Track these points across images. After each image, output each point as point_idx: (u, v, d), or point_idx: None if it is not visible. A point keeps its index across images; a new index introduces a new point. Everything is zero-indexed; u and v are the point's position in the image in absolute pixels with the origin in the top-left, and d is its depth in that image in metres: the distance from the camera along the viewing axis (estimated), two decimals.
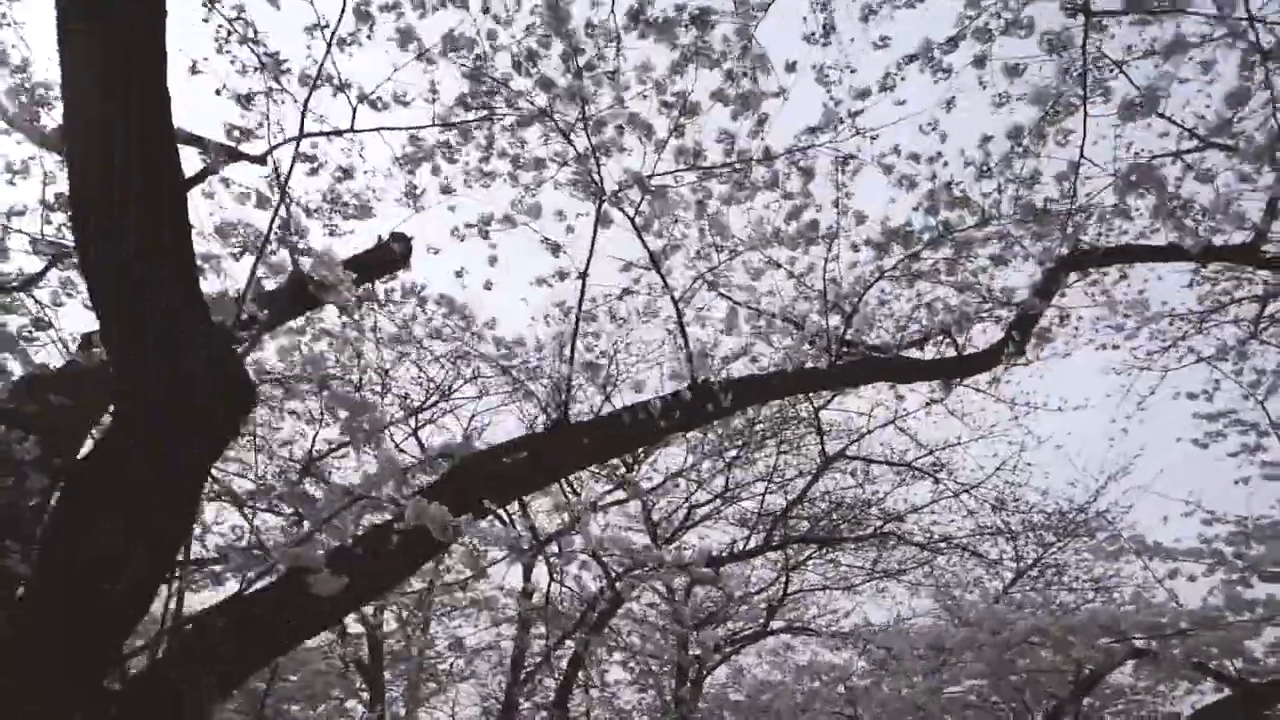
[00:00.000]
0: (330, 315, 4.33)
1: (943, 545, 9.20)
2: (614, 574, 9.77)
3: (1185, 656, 5.16)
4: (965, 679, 5.15)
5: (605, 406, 4.26)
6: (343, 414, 2.90)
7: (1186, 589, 6.26)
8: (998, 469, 8.42)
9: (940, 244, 4.61)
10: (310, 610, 3.34)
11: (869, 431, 8.33)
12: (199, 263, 2.29)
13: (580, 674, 14.06)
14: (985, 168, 4.18)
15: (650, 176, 3.89)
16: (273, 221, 2.85)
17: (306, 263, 3.69)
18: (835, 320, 5.08)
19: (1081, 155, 4.23)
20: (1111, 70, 4.13)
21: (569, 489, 8.55)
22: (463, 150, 3.80)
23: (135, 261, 1.88)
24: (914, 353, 5.94)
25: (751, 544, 9.84)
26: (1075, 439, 8.49)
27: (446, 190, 3.85)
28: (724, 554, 9.66)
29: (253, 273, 2.57)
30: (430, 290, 4.11)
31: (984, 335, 5.79)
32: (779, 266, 5.23)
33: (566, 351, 4.07)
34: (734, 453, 9.56)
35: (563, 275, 4.12)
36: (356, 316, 4.14)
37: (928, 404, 8.07)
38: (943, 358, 5.46)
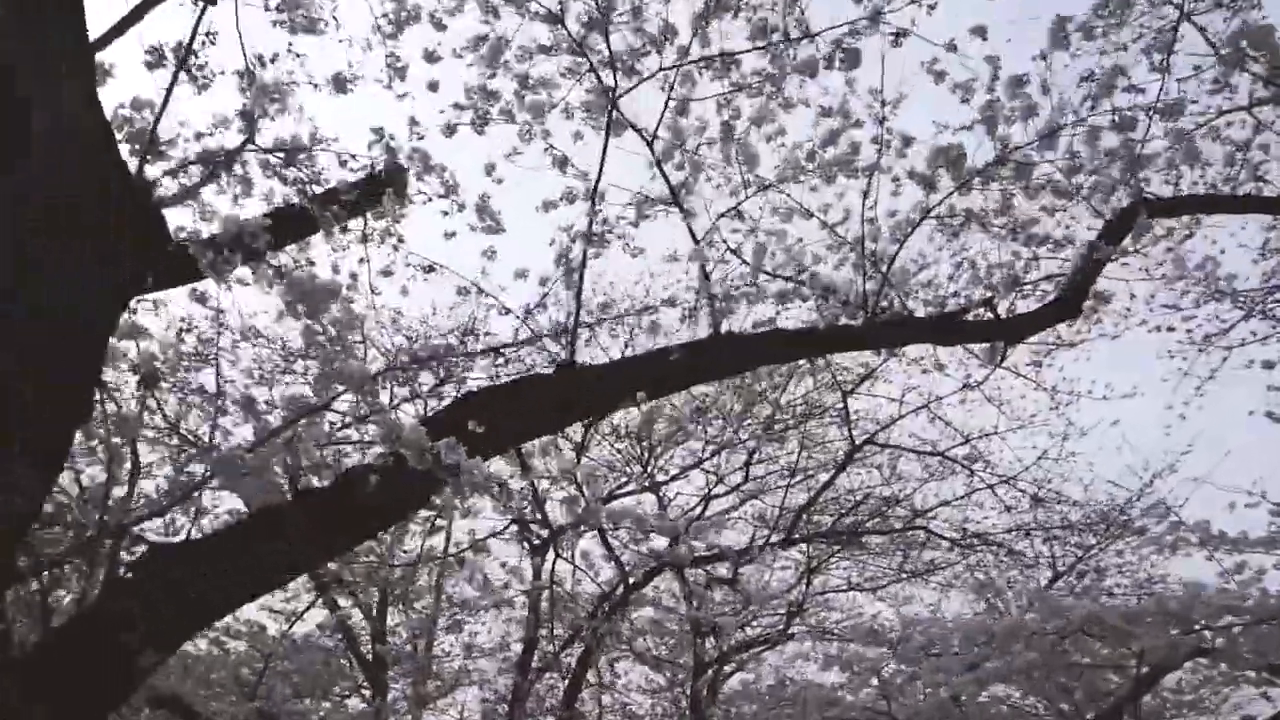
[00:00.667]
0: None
1: (975, 543, 8.64)
2: (627, 566, 9.31)
3: (1258, 653, 4.63)
4: (1011, 674, 4.65)
5: (616, 352, 3.82)
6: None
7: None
8: (1039, 459, 7.87)
9: (994, 175, 4.14)
10: (264, 562, 2.93)
11: (900, 417, 7.85)
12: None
13: (590, 674, 13.61)
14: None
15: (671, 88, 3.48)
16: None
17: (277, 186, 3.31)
18: (870, 285, 4.64)
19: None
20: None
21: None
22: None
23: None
24: None
25: (772, 542, 9.32)
26: (1123, 429, 7.92)
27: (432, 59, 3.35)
28: (744, 552, 9.15)
29: (169, 92, 2.17)
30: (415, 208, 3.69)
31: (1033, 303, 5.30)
32: (810, 215, 4.78)
33: (575, 286, 3.64)
34: (754, 445, 9.08)
35: (571, 198, 3.70)
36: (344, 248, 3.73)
37: (963, 387, 7.55)
38: (992, 319, 4.98)
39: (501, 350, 3.96)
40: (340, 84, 3.35)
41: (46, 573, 3.54)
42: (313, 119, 3.35)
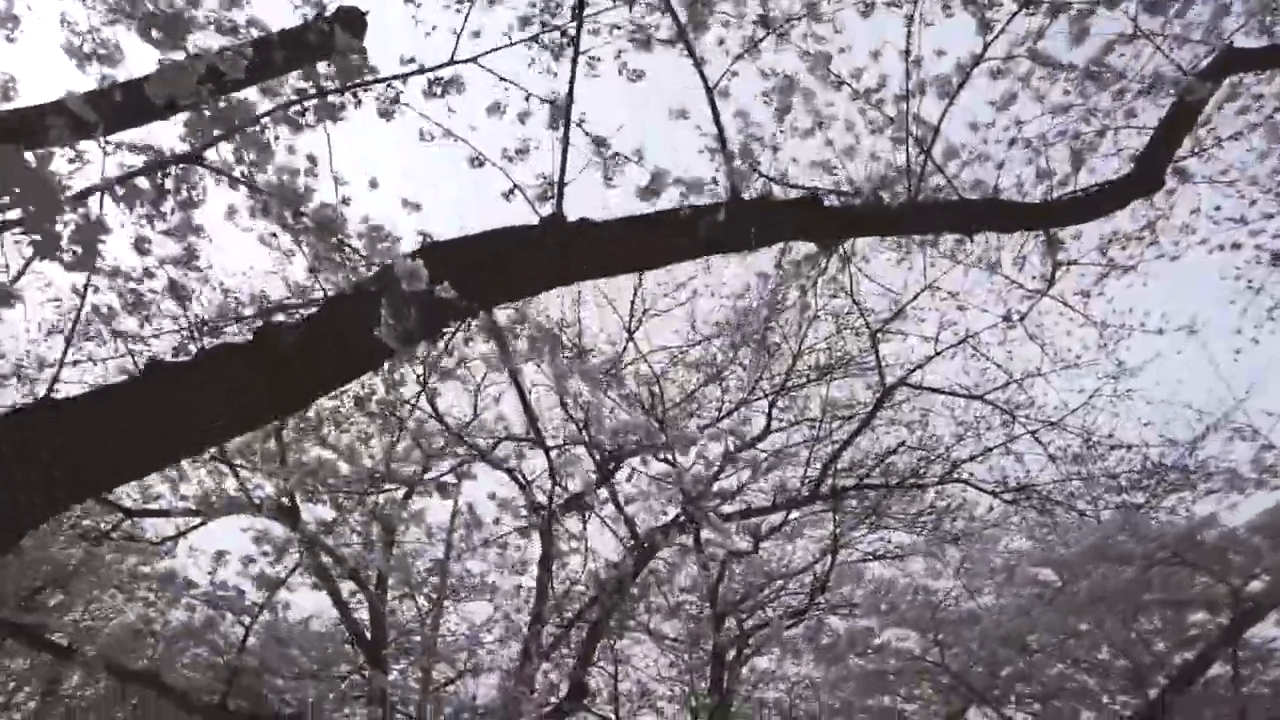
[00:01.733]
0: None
1: (1019, 497, 7.90)
2: (640, 531, 8.66)
3: None
4: (1084, 607, 3.96)
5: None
6: None
7: None
8: (1089, 398, 7.13)
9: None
10: (200, 409, 2.30)
11: (935, 355, 7.12)
12: None
13: (601, 650, 12.95)
14: None
15: None
16: None
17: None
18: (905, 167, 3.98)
19: None
20: None
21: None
22: None
23: None
24: None
25: (797, 499, 8.60)
26: (1182, 365, 7.18)
27: None
28: (764, 511, 8.46)
29: None
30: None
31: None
32: (840, 85, 4.11)
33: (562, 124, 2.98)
34: (773, 399, 8.39)
35: (553, 8, 3.03)
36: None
37: (1003, 319, 6.85)
38: (1053, 200, 4.29)
39: None
40: None
41: None
42: None
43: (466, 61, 3.11)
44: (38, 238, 1.79)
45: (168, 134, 2.95)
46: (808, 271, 4.34)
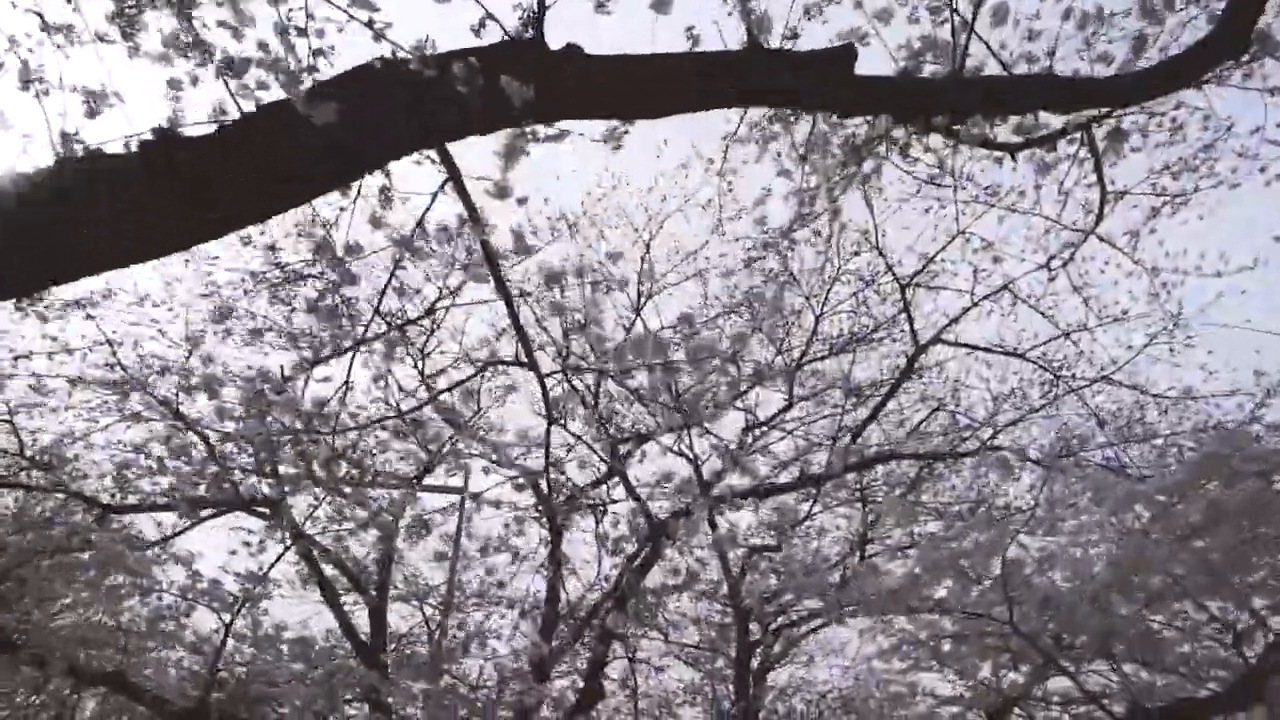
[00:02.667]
0: None
1: (1065, 464, 7.21)
2: (656, 519, 8.02)
3: None
4: (1199, 529, 3.29)
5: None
6: None
7: None
8: (1144, 347, 6.46)
9: None
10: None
11: (974, 304, 6.48)
12: None
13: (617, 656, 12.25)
14: None
15: None
16: None
17: None
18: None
19: None
20: None
21: None
22: None
23: None
24: None
25: (825, 473, 7.92)
26: (1245, 308, 6.54)
27: None
28: (787, 487, 7.81)
29: None
30: None
31: None
32: None
33: None
34: (796, 366, 7.77)
35: None
36: None
37: (1045, 266, 6.25)
38: (1115, 75, 3.72)
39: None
40: None
41: None
42: None
43: None
44: None
45: None
46: (839, 172, 3.77)
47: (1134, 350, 6.70)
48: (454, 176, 2.69)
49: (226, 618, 6.31)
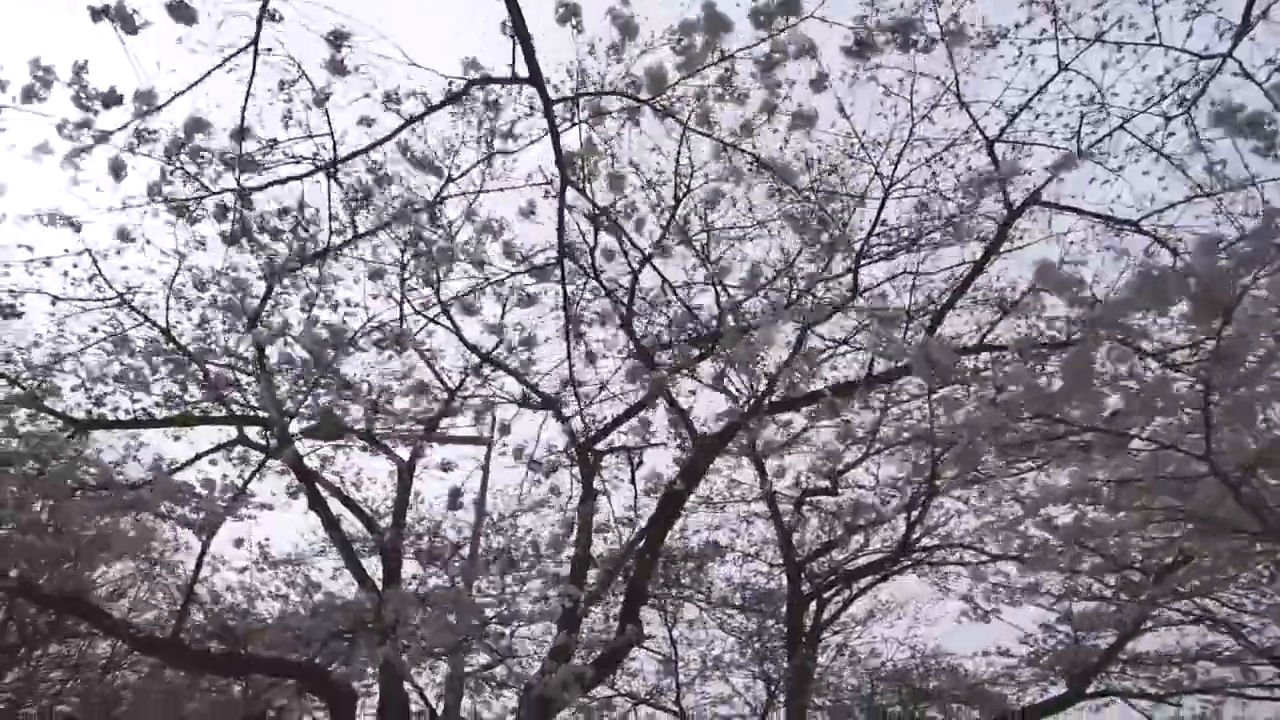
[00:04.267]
0: None
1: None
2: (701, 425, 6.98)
3: None
4: None
5: None
6: None
7: None
8: None
9: None
10: None
11: (1080, 154, 5.34)
12: None
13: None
14: None
15: None
16: None
17: None
18: None
19: None
20: None
21: None
22: None
23: None
24: None
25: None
26: None
27: None
28: (849, 386, 6.72)
29: None
30: None
31: None
32: None
33: None
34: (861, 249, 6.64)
35: None
36: None
37: (1163, 98, 5.14)
38: None
39: None
40: None
41: None
42: None
43: None
44: None
45: None
46: None
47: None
48: None
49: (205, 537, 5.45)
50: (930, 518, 9.63)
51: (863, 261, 6.08)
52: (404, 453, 8.84)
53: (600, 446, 9.41)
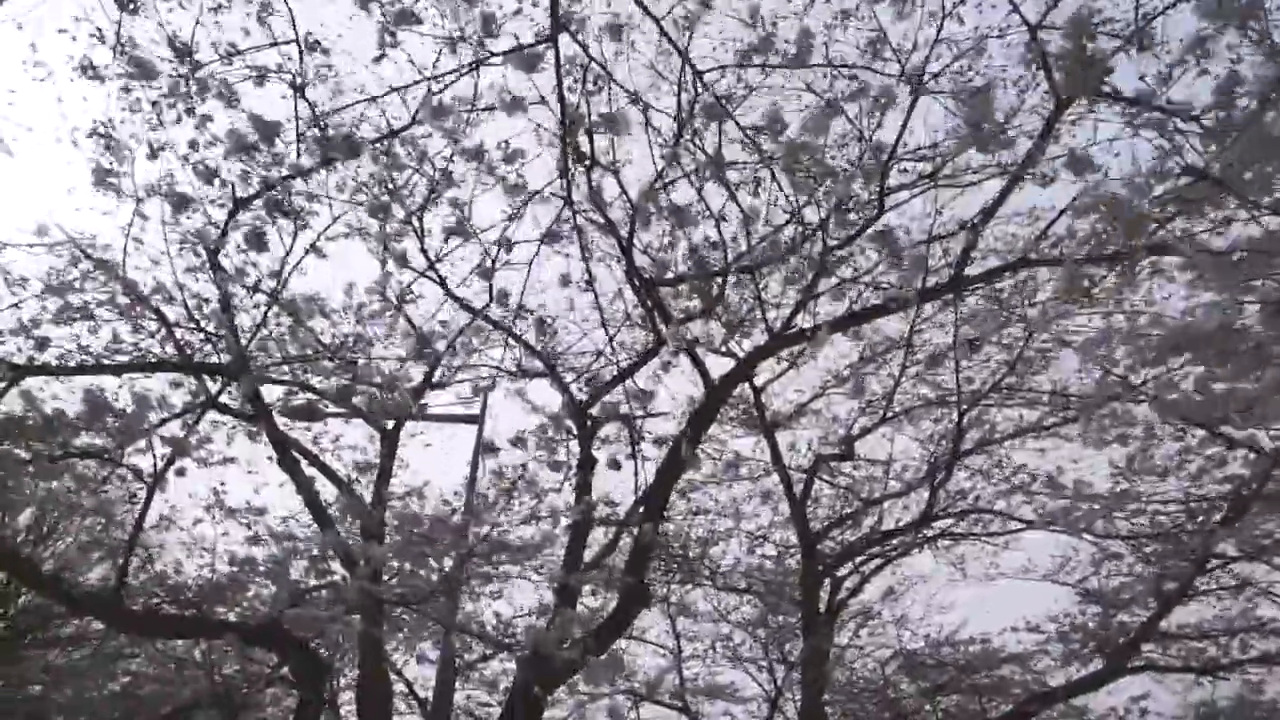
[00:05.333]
0: None
1: None
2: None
3: None
4: None
5: None
6: None
7: None
8: None
9: None
10: None
11: (1137, 31, 4.75)
12: None
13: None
14: None
15: None
16: None
17: None
18: None
19: None
20: None
21: None
22: None
23: None
24: None
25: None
26: None
27: None
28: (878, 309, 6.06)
29: None
30: None
31: None
32: None
33: None
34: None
35: None
36: None
37: None
38: None
39: None
40: None
41: None
42: None
43: None
44: None
45: None
46: None
47: None
48: None
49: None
50: (954, 483, 9.01)
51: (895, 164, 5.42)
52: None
53: (600, 413, 8.79)
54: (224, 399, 6.29)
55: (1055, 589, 10.16)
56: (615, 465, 6.44)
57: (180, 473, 4.80)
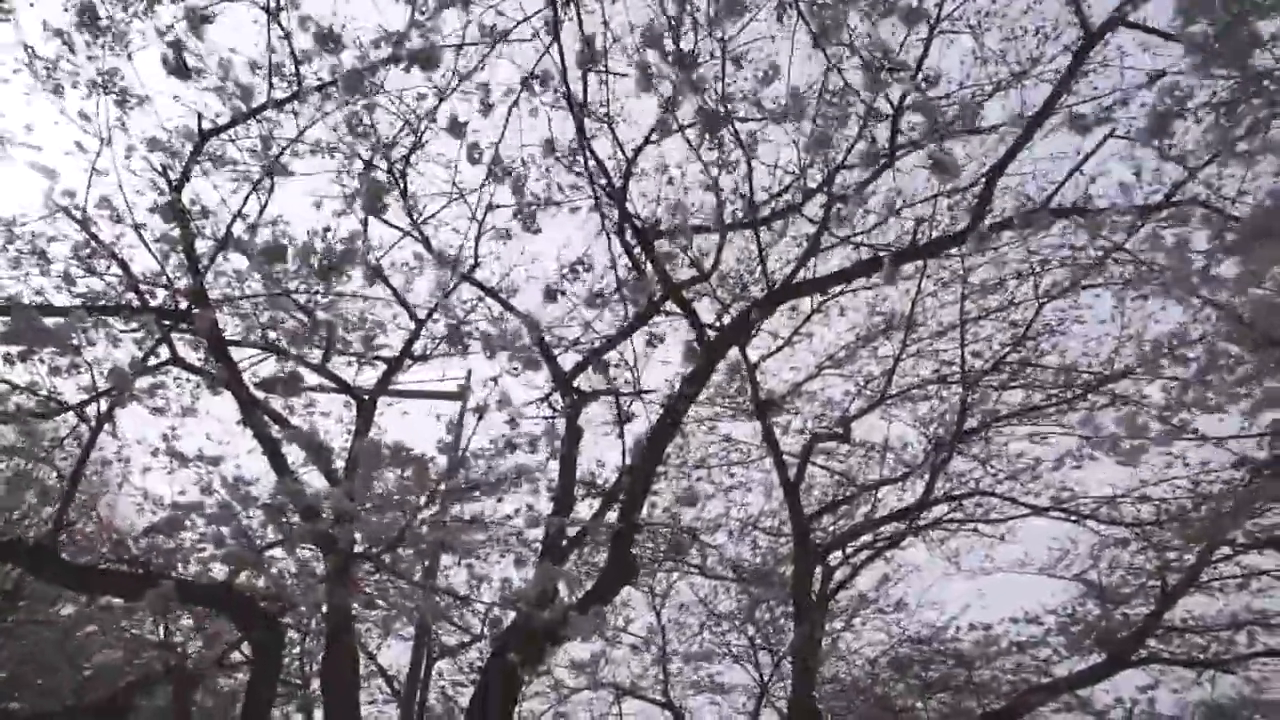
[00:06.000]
0: None
1: None
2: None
3: None
4: None
5: None
6: None
7: None
8: None
9: None
10: None
11: None
12: None
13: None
14: None
15: None
16: None
17: None
18: None
19: None
20: None
21: None
22: None
23: None
24: None
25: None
26: None
27: None
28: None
29: None
30: None
31: None
32: None
33: None
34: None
35: None
36: None
37: None
38: None
39: None
40: None
41: None
42: None
43: None
44: None
45: None
46: None
47: None
48: None
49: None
50: (953, 467, 8.68)
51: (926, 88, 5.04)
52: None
53: (587, 388, 8.43)
54: (184, 351, 5.89)
55: (1052, 583, 9.87)
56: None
57: (116, 407, 4.36)
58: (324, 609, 5.74)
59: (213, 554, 4.66)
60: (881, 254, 5.52)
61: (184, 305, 5.54)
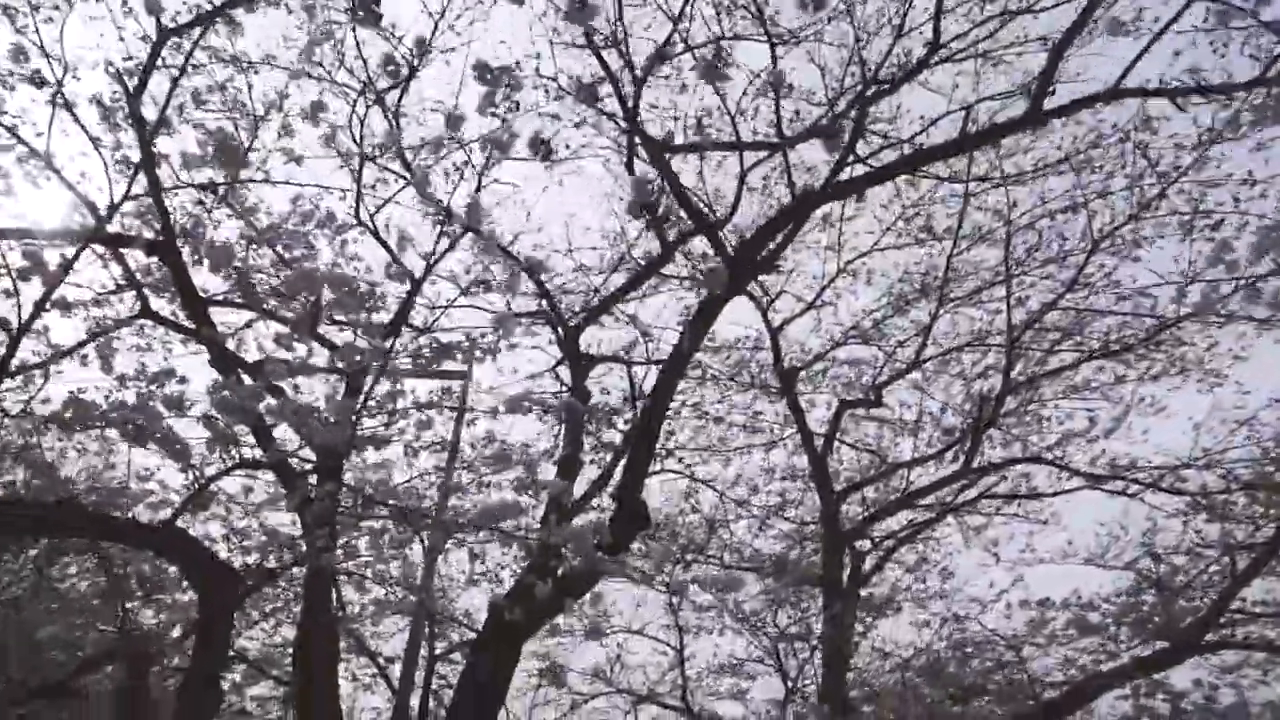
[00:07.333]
0: None
1: None
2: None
3: None
4: None
5: None
6: None
7: None
8: None
9: None
10: None
11: None
12: None
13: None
14: None
15: None
16: None
17: None
18: None
19: None
20: None
21: None
22: None
23: None
24: None
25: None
26: None
27: None
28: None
29: None
30: None
31: None
32: None
33: None
34: None
35: None
36: None
37: None
38: None
39: None
40: None
41: None
42: None
43: None
44: None
45: None
46: None
47: None
48: None
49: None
50: (995, 442, 7.93)
51: None
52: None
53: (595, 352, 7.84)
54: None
55: (1101, 574, 9.05)
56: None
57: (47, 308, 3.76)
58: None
59: (161, 499, 4.01)
60: (924, 146, 4.86)
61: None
